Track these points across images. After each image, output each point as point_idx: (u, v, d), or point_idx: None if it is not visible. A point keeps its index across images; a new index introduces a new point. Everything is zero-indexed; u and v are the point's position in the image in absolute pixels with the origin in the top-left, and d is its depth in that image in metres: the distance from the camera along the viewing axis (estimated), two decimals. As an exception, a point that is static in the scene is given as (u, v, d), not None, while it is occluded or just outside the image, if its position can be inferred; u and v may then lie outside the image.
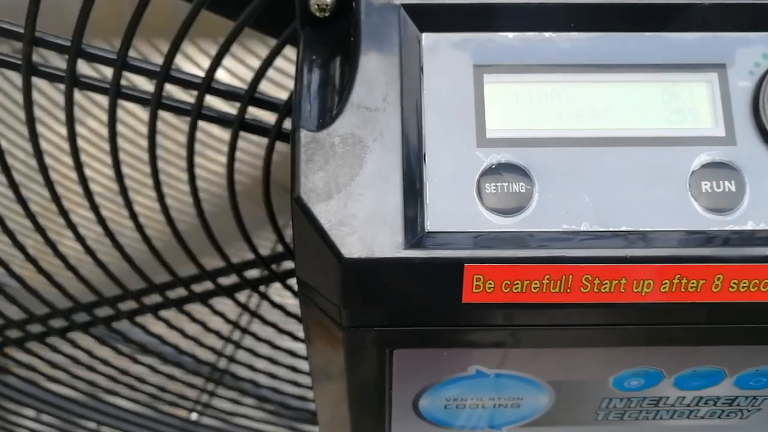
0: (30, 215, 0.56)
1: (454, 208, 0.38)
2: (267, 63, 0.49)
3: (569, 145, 0.39)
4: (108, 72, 0.50)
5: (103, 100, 0.51)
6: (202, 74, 0.49)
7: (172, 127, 1.00)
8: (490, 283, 0.37)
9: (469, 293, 0.37)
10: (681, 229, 0.38)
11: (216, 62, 0.49)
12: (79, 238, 0.58)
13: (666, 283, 0.37)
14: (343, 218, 0.37)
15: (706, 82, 0.39)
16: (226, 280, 0.65)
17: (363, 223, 0.37)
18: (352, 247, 0.36)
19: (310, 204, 0.37)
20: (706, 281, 0.37)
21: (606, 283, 0.37)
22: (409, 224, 0.37)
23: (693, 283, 0.37)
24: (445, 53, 0.40)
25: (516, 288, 0.37)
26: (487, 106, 0.39)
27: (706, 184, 0.38)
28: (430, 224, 0.38)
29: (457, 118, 0.39)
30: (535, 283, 0.37)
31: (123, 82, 0.50)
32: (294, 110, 0.40)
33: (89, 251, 0.60)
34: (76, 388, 0.78)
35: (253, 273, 0.64)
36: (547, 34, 0.40)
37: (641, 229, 0.38)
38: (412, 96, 0.39)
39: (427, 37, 0.40)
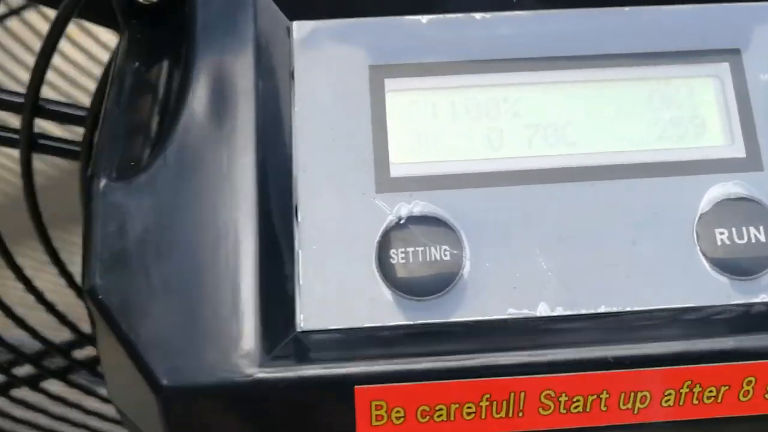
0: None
1: (342, 291, 0.30)
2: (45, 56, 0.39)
3: (515, 182, 0.31)
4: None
5: None
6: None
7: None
8: (398, 411, 0.29)
9: (367, 427, 0.29)
10: (687, 305, 0.30)
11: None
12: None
13: (670, 394, 0.30)
14: (164, 325, 0.28)
15: (713, 77, 0.32)
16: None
17: (194, 329, 0.28)
18: (176, 372, 0.27)
19: (111, 303, 0.28)
20: (731, 387, 0.30)
21: (578, 401, 0.29)
22: (270, 324, 0.29)
23: (711, 391, 0.30)
24: (326, 49, 0.32)
25: (439, 416, 0.29)
26: (391, 127, 0.31)
27: (722, 233, 0.31)
28: (305, 320, 0.29)
29: (346, 147, 0.31)
30: (469, 407, 0.29)
31: None
32: (95, 147, 0.32)
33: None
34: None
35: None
36: (478, 15, 0.33)
37: (627, 310, 0.30)
38: (277, 117, 0.31)
39: (299, 27, 0.32)
